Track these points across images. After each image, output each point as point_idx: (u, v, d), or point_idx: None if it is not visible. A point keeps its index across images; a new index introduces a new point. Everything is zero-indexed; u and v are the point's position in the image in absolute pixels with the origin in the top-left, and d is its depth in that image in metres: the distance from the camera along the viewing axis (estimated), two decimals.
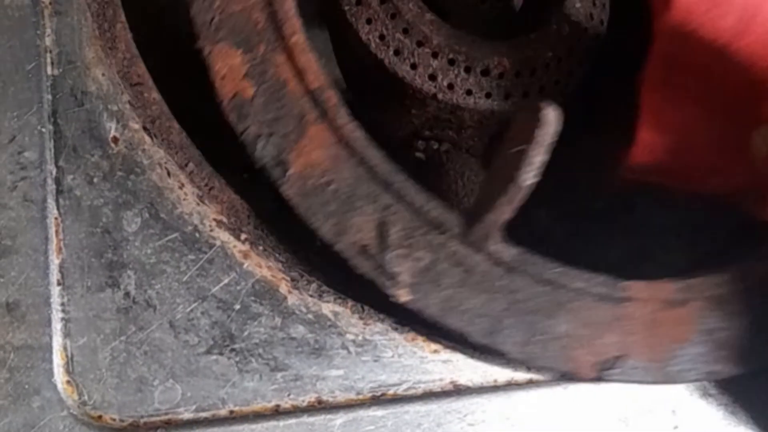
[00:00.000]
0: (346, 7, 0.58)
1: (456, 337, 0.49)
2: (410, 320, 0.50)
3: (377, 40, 0.57)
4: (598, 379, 0.50)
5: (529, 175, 0.46)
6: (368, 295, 0.49)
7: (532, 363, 0.50)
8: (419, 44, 0.57)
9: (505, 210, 0.47)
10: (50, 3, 0.49)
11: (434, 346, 0.51)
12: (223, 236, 0.49)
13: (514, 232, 0.54)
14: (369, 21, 0.57)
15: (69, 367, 0.46)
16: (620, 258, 0.62)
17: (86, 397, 0.46)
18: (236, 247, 0.49)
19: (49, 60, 0.49)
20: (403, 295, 0.48)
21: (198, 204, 0.49)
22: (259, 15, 0.49)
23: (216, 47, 0.49)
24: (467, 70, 0.57)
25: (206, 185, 0.50)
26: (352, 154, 0.49)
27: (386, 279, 0.48)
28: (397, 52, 0.57)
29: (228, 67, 0.49)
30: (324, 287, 0.50)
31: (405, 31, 0.57)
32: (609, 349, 0.50)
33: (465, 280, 0.49)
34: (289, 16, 0.50)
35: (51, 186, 0.47)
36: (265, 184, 0.49)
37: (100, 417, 0.45)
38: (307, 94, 0.50)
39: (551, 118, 0.46)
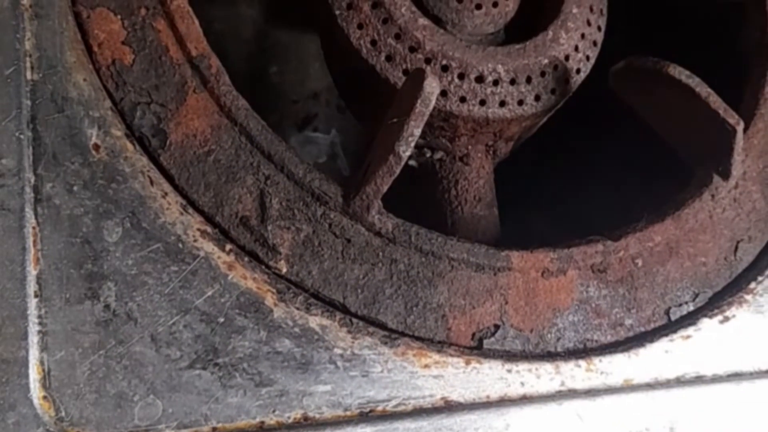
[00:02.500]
0: (337, 12, 0.57)
1: (338, 308, 0.50)
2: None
3: (369, 46, 0.56)
4: (478, 348, 0.51)
5: (409, 146, 0.47)
6: None
7: (411, 333, 0.50)
8: (412, 50, 0.56)
9: (385, 180, 0.48)
10: (30, 6, 0.48)
11: (425, 360, 0.50)
12: (207, 247, 0.48)
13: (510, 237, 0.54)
14: (360, 26, 0.56)
15: (46, 382, 0.44)
16: None
17: (63, 414, 0.44)
18: (221, 258, 0.48)
19: (28, 64, 0.48)
20: (283, 267, 0.49)
21: (181, 213, 0.48)
22: None
23: (94, 11, 0.49)
24: (461, 76, 0.56)
25: None
26: (234, 124, 0.50)
27: (267, 250, 0.49)
28: (389, 58, 0.56)
29: (106, 32, 0.49)
30: (311, 300, 0.49)
31: (397, 37, 0.56)
32: (487, 318, 0.52)
33: (346, 251, 0.50)
34: None
35: (29, 194, 0.46)
36: None
37: None
38: (188, 62, 0.50)
39: (431, 90, 0.47)
